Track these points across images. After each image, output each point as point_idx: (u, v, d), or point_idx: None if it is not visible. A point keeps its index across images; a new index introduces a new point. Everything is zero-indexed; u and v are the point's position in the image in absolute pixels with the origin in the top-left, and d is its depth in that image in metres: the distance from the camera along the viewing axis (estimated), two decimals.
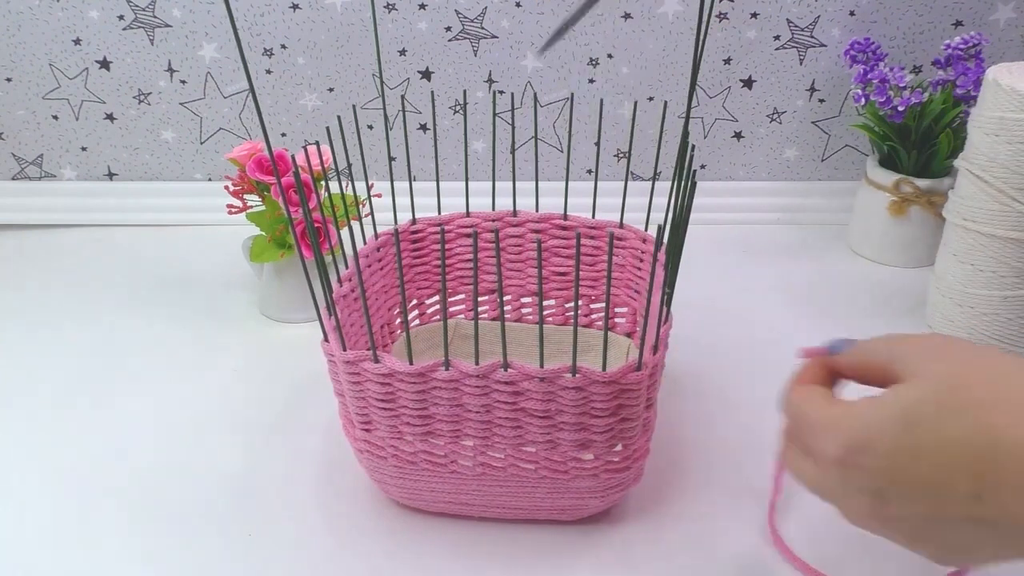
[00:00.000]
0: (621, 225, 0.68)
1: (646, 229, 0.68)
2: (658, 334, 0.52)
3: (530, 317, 0.74)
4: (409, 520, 0.59)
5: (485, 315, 0.74)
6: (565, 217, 0.70)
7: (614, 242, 0.67)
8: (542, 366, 0.49)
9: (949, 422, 0.36)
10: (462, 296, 0.73)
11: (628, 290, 0.70)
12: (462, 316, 0.74)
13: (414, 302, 0.73)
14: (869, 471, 0.38)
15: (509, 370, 0.50)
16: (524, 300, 0.73)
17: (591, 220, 0.70)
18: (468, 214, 0.70)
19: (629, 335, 0.71)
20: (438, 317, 0.73)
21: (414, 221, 0.70)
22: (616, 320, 0.72)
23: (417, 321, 0.73)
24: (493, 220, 0.70)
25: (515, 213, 0.70)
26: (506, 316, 0.74)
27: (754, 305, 0.86)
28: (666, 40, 0.96)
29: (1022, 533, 0.36)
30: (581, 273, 0.72)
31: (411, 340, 0.54)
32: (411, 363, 0.50)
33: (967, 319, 0.77)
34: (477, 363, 0.49)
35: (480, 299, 0.73)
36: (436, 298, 0.73)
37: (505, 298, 0.73)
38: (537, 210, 0.71)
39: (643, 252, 0.68)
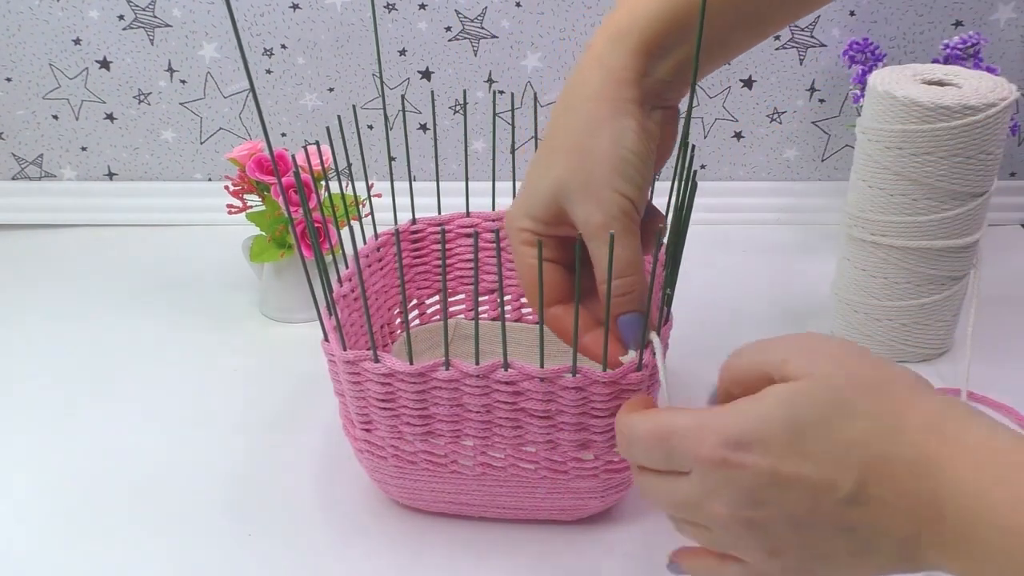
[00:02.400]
0: None
1: None
2: (658, 334, 0.52)
3: (530, 317, 0.74)
4: (409, 520, 0.59)
5: (485, 315, 0.74)
6: None
7: None
8: (542, 366, 0.49)
9: (843, 423, 0.36)
10: (462, 296, 0.73)
11: None
12: (462, 316, 0.74)
13: (414, 302, 0.73)
14: (753, 469, 0.37)
15: (509, 370, 0.50)
16: (523, 300, 0.73)
17: None
18: (468, 214, 0.70)
19: None
20: (438, 317, 0.73)
21: (414, 221, 0.70)
22: None
23: (417, 321, 0.73)
24: (493, 220, 0.70)
25: None
26: (506, 316, 0.74)
27: (754, 305, 0.86)
28: None
29: (884, 544, 0.36)
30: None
31: (411, 340, 0.54)
32: (411, 363, 0.50)
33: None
34: (477, 363, 0.49)
35: (480, 299, 0.73)
36: (436, 298, 0.73)
37: (505, 298, 0.73)
38: None
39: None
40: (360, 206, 0.73)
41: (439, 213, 0.71)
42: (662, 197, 0.61)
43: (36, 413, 0.71)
